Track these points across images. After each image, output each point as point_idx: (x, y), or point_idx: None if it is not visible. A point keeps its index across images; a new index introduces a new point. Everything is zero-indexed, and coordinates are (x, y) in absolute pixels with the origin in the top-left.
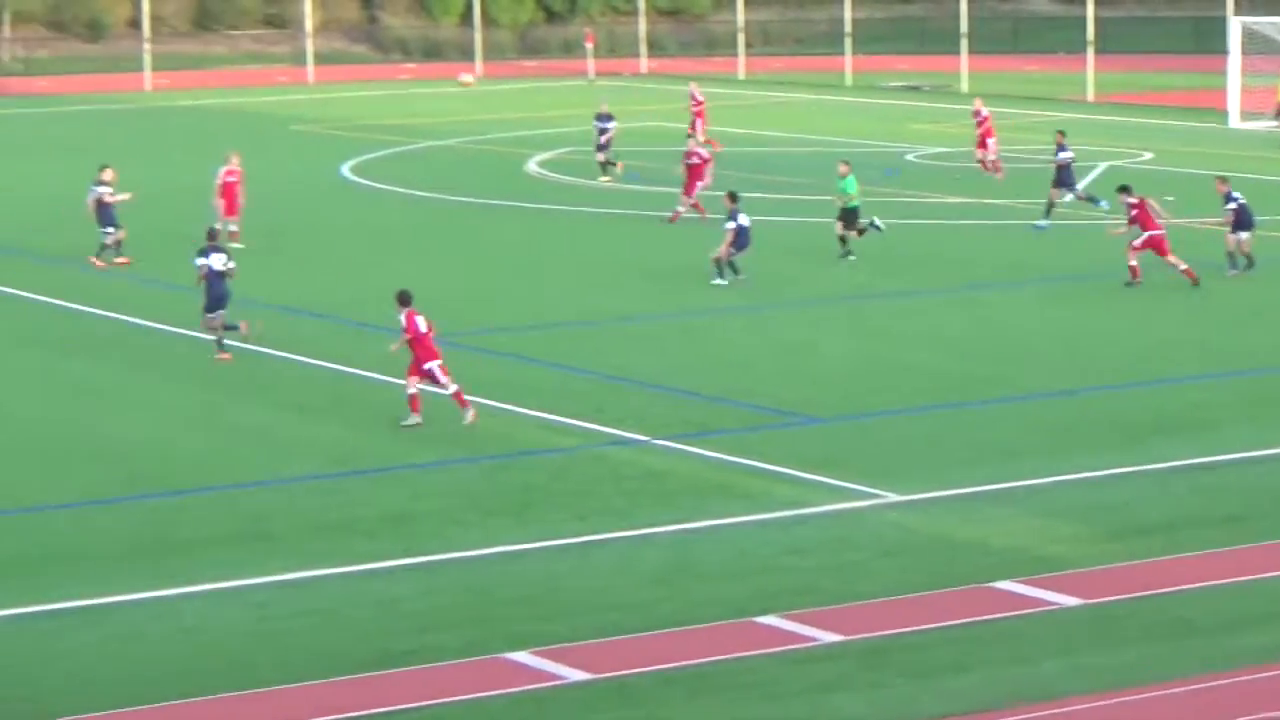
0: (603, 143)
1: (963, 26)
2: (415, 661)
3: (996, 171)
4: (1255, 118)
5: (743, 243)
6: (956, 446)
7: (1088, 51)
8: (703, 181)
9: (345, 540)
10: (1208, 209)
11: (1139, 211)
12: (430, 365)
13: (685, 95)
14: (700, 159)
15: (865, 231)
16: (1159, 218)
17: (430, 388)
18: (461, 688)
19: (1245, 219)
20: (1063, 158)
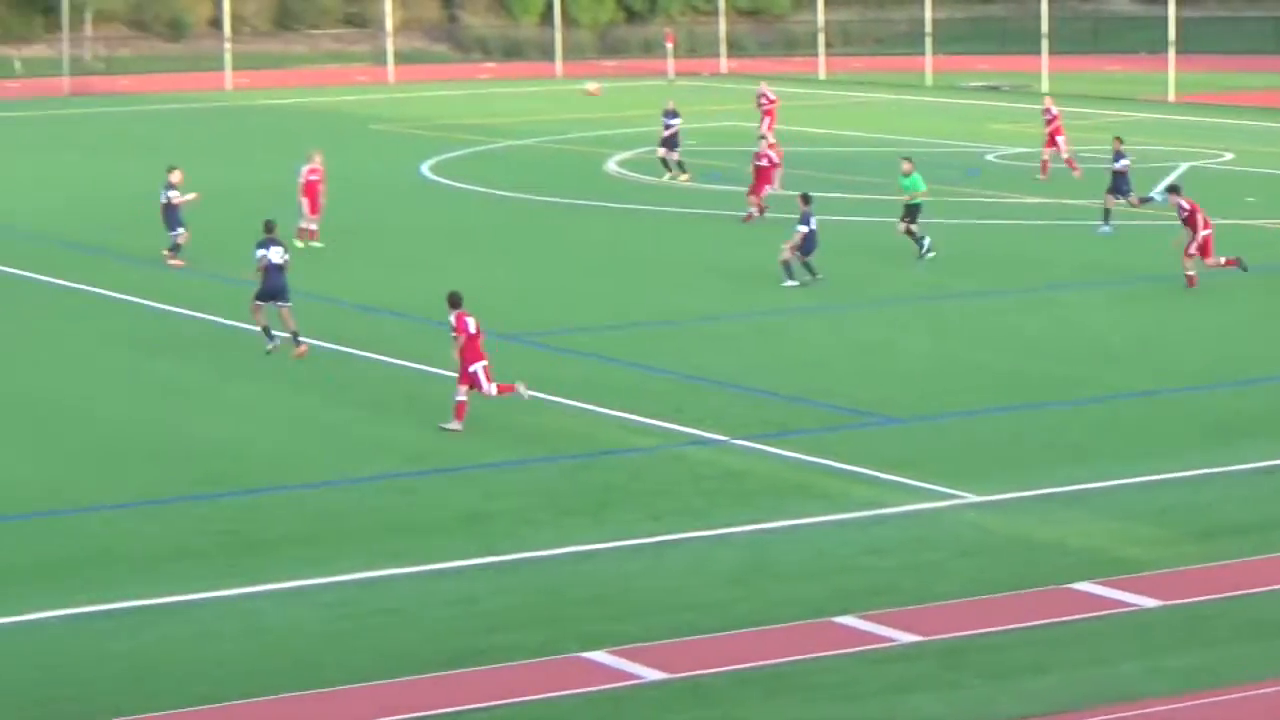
0: (666, 136)
1: (1043, 26)
2: (489, 661)
3: (1073, 169)
4: None
5: (809, 246)
6: (1035, 447)
7: (1169, 51)
8: (771, 185)
9: (420, 539)
10: None
11: (1190, 214)
12: (475, 367)
13: (760, 96)
14: (770, 161)
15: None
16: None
17: (475, 390)
18: (536, 687)
19: None
20: (1120, 165)
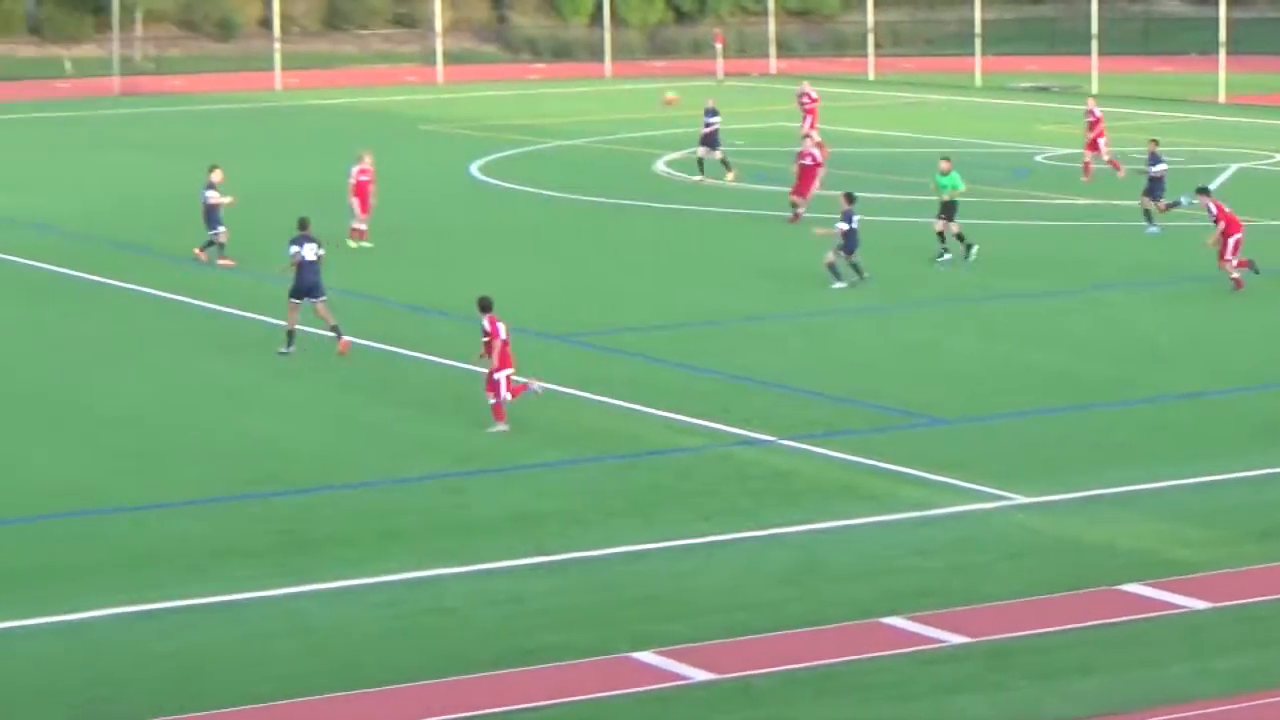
0: (706, 135)
1: (1093, 27)
2: (539, 660)
3: (1117, 170)
4: None
5: (851, 245)
6: (1083, 448)
7: (1219, 52)
8: (814, 186)
9: (468, 539)
10: None
11: (1218, 216)
12: (501, 375)
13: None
14: (814, 160)
15: (963, 238)
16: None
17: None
18: (586, 687)
19: None
20: (1156, 170)
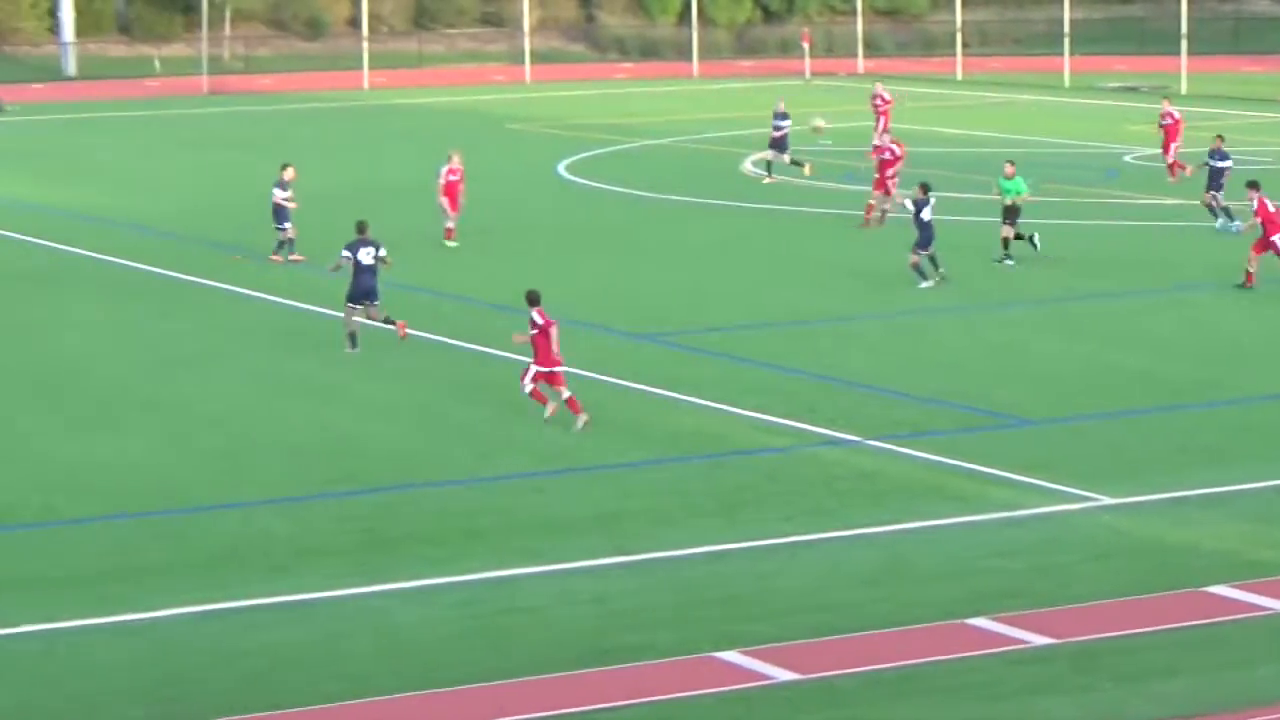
0: (775, 139)
1: (1182, 27)
2: (622, 660)
3: (1184, 169)
4: None
5: (926, 239)
6: (1168, 449)
7: None
8: (895, 181)
9: (551, 538)
10: None
11: (1259, 210)
12: (536, 368)
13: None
14: (893, 155)
15: (1024, 238)
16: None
17: (532, 386)
18: (669, 686)
19: None
20: (1221, 165)
